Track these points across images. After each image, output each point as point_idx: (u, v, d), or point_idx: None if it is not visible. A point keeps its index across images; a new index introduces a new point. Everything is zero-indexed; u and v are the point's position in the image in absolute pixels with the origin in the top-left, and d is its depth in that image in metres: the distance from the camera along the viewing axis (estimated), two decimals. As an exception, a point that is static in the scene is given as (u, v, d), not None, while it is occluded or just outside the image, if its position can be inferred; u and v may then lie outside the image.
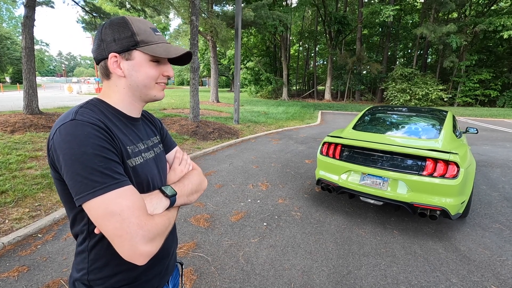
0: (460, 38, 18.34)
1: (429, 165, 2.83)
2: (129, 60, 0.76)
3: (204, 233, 2.90)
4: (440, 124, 3.53)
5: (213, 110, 13.59)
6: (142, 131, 0.86)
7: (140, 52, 0.75)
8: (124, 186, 0.65)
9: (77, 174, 0.62)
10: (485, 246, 2.76)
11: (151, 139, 0.89)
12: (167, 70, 0.80)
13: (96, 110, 0.73)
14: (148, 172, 0.79)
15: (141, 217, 0.64)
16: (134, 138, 0.80)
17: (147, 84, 0.78)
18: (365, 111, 4.32)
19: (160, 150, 0.92)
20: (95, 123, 0.67)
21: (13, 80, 43.33)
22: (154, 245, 0.64)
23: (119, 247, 0.62)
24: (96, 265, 0.75)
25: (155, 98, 0.82)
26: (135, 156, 0.77)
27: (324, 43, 30.17)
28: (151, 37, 0.77)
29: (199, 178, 0.94)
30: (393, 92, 21.90)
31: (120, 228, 0.61)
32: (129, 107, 0.81)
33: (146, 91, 0.80)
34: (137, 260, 0.63)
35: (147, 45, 0.76)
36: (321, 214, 3.41)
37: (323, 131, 9.66)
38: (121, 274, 0.77)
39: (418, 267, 2.42)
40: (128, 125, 0.80)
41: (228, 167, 5.17)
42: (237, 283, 2.19)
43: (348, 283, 2.21)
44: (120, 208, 0.62)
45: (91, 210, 0.62)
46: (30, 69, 6.95)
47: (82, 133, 0.64)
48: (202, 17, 14.13)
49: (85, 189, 0.62)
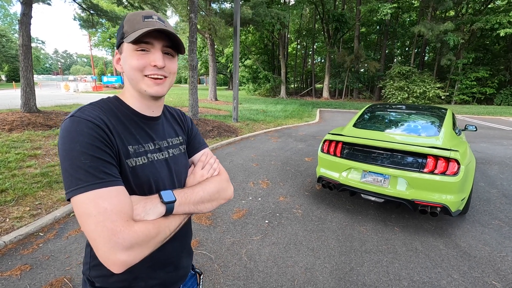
0: (457, 36, 18.41)
1: (430, 162, 2.85)
2: (121, 54, 0.75)
3: (206, 231, 2.90)
4: (440, 121, 3.55)
5: (212, 108, 13.56)
6: (157, 131, 0.83)
7: (125, 44, 0.73)
8: (109, 186, 0.62)
9: (65, 170, 0.62)
10: (485, 242, 2.79)
11: (169, 139, 0.85)
12: (154, 59, 0.72)
13: (104, 108, 0.72)
14: (151, 173, 0.75)
15: (117, 222, 0.60)
16: (143, 137, 0.77)
17: (133, 77, 0.74)
18: (365, 109, 4.33)
19: (179, 152, 0.87)
20: (91, 120, 0.65)
21: (8, 78, 42.95)
22: (132, 255, 0.60)
23: (94, 250, 0.60)
24: (97, 261, 0.72)
25: (146, 93, 0.75)
26: (137, 156, 0.73)
27: (322, 41, 30.17)
28: (137, 25, 0.71)
29: (218, 185, 0.86)
30: (391, 90, 21.97)
31: (94, 231, 0.59)
32: (139, 105, 0.78)
33: (136, 86, 0.75)
34: (111, 267, 0.59)
35: (129, 34, 0.71)
36: (322, 211, 3.42)
37: (322, 129, 9.68)
38: (118, 275, 0.73)
39: (420, 263, 2.44)
40: (139, 124, 0.78)
41: (228, 165, 5.16)
42: (241, 280, 2.20)
43: (351, 279, 2.23)
44: (97, 210, 0.59)
45: (74, 207, 0.62)
46: (27, 67, 6.89)
47: (75, 130, 0.64)
48: (201, 14, 14.07)
49: (70, 186, 0.61)
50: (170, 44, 0.75)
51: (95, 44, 38.44)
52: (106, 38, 36.06)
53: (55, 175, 3.95)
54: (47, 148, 5.12)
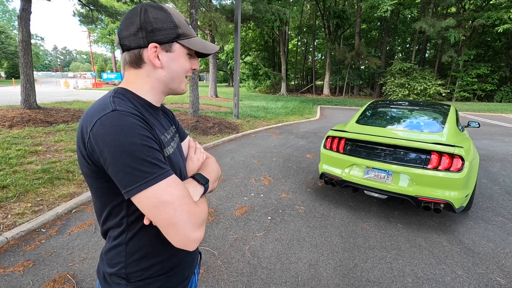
0: (458, 32, 18.31)
1: (434, 159, 2.83)
2: (168, 52, 0.76)
3: (209, 227, 2.89)
4: (443, 118, 3.53)
5: (212, 105, 13.52)
6: (163, 121, 0.86)
7: (180, 45, 0.76)
8: (171, 175, 0.66)
9: (126, 166, 0.60)
10: (489, 239, 2.78)
11: (170, 129, 0.89)
12: (195, 64, 0.82)
13: (127, 100, 0.72)
14: (178, 161, 0.81)
15: (190, 204, 0.66)
16: (161, 128, 0.80)
17: (180, 77, 0.80)
18: (368, 105, 4.31)
19: (178, 140, 0.92)
20: (135, 113, 0.66)
21: (8, 75, 42.80)
22: (202, 231, 0.67)
23: (172, 235, 0.64)
24: (133, 257, 0.75)
25: (181, 91, 0.83)
26: (167, 146, 0.77)
27: (322, 38, 30.02)
28: (189, 31, 0.78)
29: (216, 166, 0.97)
30: (392, 87, 21.91)
31: (174, 217, 0.62)
32: (155, 97, 0.81)
33: (177, 84, 0.81)
34: (189, 246, 0.65)
35: (187, 38, 0.77)
36: (325, 208, 3.41)
37: (323, 126, 9.66)
38: (158, 265, 0.77)
39: (424, 260, 2.43)
40: (153, 115, 0.79)
41: (229, 161, 5.15)
42: (244, 277, 2.19)
43: (355, 275, 2.22)
44: (172, 197, 0.63)
45: (143, 201, 0.62)
46: (27, 63, 6.85)
47: (127, 124, 0.62)
48: (201, 10, 13.97)
49: (136, 180, 0.61)
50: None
51: (95, 41, 38.20)
52: (106, 34, 35.79)
53: (56, 171, 3.94)
54: (48, 144, 5.10)
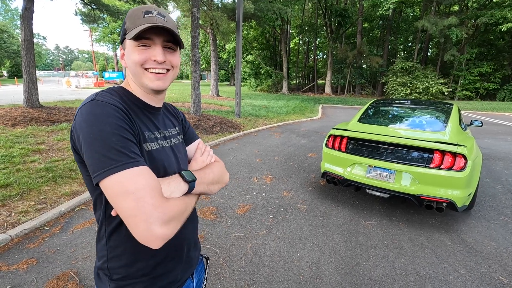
0: (461, 31, 18.21)
1: (437, 157, 2.82)
2: (125, 49, 0.78)
3: (211, 226, 2.90)
4: (446, 116, 3.51)
5: (214, 104, 13.53)
6: (160, 121, 0.86)
7: (127, 40, 0.75)
8: (140, 165, 0.64)
9: (95, 152, 0.62)
10: (491, 238, 2.77)
11: (169, 130, 0.89)
12: (155, 54, 0.75)
13: (116, 95, 0.74)
14: (164, 158, 0.79)
15: (156, 197, 0.62)
16: (151, 125, 0.80)
17: (136, 72, 0.76)
18: (369, 104, 4.30)
19: (179, 141, 0.91)
20: (115, 104, 0.68)
21: (10, 74, 42.95)
22: (170, 228, 0.63)
23: (133, 228, 0.60)
24: (115, 252, 0.74)
25: (148, 87, 0.78)
26: (151, 142, 0.77)
27: (324, 37, 29.93)
28: (138, 21, 0.73)
29: (221, 170, 0.93)
30: (394, 86, 21.82)
31: (135, 208, 0.59)
32: (144, 96, 0.82)
33: (139, 78, 0.77)
34: (152, 242, 0.60)
35: (131, 30, 0.74)
36: (326, 206, 3.41)
37: (324, 125, 9.64)
38: (140, 262, 0.75)
39: (426, 259, 2.43)
40: (145, 113, 0.81)
41: (231, 160, 5.15)
42: (247, 275, 2.20)
43: (357, 274, 2.22)
44: (135, 186, 0.61)
45: (107, 188, 0.62)
46: (29, 62, 6.87)
47: (102, 112, 0.65)
48: (203, 9, 13.96)
49: (102, 167, 0.61)
50: (171, 38, 0.77)
51: (96, 40, 38.26)
52: (107, 33, 35.86)
53: (59, 170, 3.95)
54: (51, 143, 5.12)
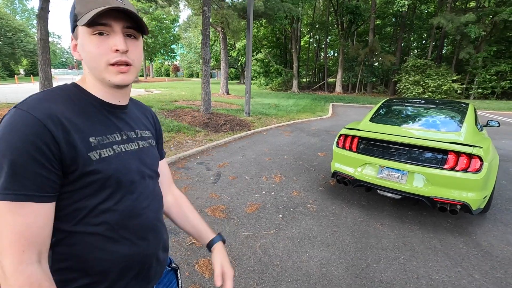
0: (479, 28, 17.65)
1: (451, 159, 2.75)
2: (78, 39, 0.65)
3: (220, 224, 2.92)
4: (461, 116, 3.42)
5: (224, 102, 13.57)
6: (125, 121, 0.75)
7: (80, 27, 0.63)
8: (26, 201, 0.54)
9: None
10: (508, 242, 2.69)
11: (138, 131, 0.78)
12: (115, 43, 0.63)
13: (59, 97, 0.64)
14: (118, 166, 0.68)
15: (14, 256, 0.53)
16: (108, 127, 0.69)
17: (95, 66, 0.65)
18: (382, 103, 4.22)
19: (149, 145, 0.81)
20: (37, 116, 0.56)
21: (27, 73, 44.19)
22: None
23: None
24: (60, 265, 0.64)
25: (110, 82, 0.67)
26: (102, 148, 0.65)
27: (335, 34, 29.55)
28: (91, 4, 0.61)
29: None
30: (406, 85, 21.36)
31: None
32: (102, 93, 0.70)
33: (98, 73, 0.66)
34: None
35: (83, 15, 0.61)
36: (336, 207, 3.38)
37: (335, 124, 9.54)
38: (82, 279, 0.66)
39: (439, 262, 2.37)
40: (103, 113, 0.70)
41: (241, 159, 5.16)
42: (256, 274, 2.20)
43: (367, 276, 2.20)
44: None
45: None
46: (45, 61, 7.06)
47: (9, 127, 0.55)
48: (213, 7, 14.00)
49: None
50: (132, 24, 0.66)
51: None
52: (119, 32, 36.42)
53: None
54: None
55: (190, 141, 6.13)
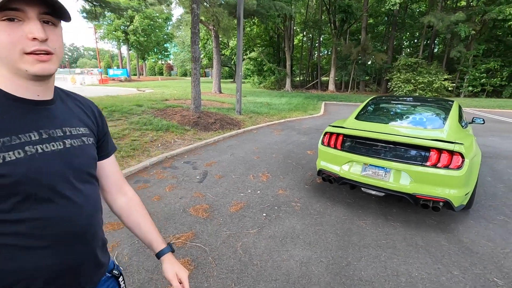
0: (468, 27, 17.85)
1: (433, 156, 2.75)
2: None
3: (202, 224, 2.88)
4: (445, 114, 3.43)
5: (215, 101, 13.49)
6: (47, 118, 0.67)
7: None
8: None
9: None
10: (489, 238, 2.70)
11: (66, 128, 0.70)
12: (31, 30, 0.56)
13: None
14: (30, 170, 0.60)
15: None
16: (21, 126, 0.61)
17: (7, 55, 0.57)
18: (368, 101, 4.22)
19: (82, 144, 0.73)
20: None
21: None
22: None
23: None
24: None
25: (28, 73, 0.59)
26: (8, 150, 0.58)
27: (328, 33, 29.64)
28: None
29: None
30: (398, 83, 21.53)
31: None
32: (13, 86, 0.62)
33: (13, 65, 0.59)
34: None
35: None
36: (321, 205, 3.36)
37: (326, 122, 9.55)
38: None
39: (419, 259, 2.37)
40: (15, 110, 0.62)
41: (229, 157, 5.12)
42: (234, 274, 2.17)
43: (347, 274, 2.18)
44: None
45: None
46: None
47: None
48: (204, 5, 13.88)
49: None
50: (49, 10, 0.59)
51: (101, 37, 38.40)
52: (112, 30, 35.96)
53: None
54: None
55: (179, 140, 6.06)
